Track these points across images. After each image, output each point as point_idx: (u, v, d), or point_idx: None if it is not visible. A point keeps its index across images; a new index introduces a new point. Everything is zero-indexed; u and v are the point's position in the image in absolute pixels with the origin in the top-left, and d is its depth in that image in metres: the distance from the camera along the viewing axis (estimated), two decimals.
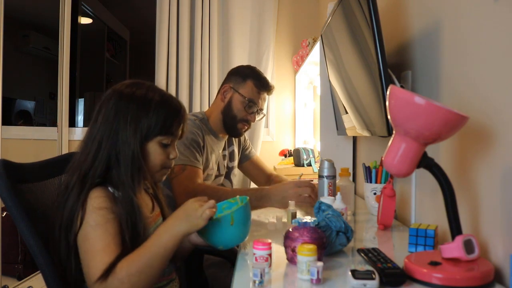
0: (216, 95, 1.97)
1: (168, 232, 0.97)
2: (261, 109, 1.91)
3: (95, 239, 0.96)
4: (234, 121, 1.86)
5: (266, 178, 2.06)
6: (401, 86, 1.25)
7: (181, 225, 0.97)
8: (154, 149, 1.09)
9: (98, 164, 1.04)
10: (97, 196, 1.01)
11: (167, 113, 1.10)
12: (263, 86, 1.89)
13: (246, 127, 1.91)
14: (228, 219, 1.04)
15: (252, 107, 1.86)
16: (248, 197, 1.13)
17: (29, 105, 4.62)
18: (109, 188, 1.04)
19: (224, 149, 1.96)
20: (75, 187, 1.02)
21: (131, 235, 1.01)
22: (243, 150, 2.10)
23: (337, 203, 1.23)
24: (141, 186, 1.14)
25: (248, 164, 2.10)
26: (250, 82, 1.86)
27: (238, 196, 1.20)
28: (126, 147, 1.05)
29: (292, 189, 1.54)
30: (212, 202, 0.99)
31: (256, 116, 1.91)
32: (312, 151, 2.82)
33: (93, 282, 0.93)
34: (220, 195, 1.54)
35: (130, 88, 1.10)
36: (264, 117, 2.31)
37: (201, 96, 3.13)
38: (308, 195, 1.54)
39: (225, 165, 1.98)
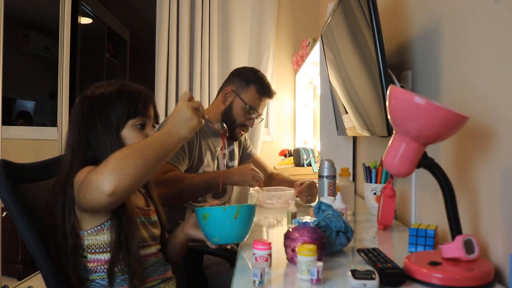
0: (217, 95, 1.97)
1: (167, 132, 1.00)
2: (260, 115, 1.93)
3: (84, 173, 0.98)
4: (233, 125, 1.88)
5: (267, 176, 2.06)
6: (401, 86, 1.25)
7: (175, 126, 1.00)
8: (129, 134, 1.10)
9: (72, 170, 1.04)
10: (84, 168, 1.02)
11: (129, 97, 1.10)
12: (266, 92, 1.90)
13: (244, 132, 1.94)
14: (233, 211, 1.05)
15: (252, 113, 1.88)
16: (255, 203, 1.16)
17: (29, 105, 4.61)
18: None
19: (223, 147, 1.96)
20: (60, 197, 1.03)
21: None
22: (244, 149, 2.11)
23: (337, 203, 1.23)
24: None
25: (249, 163, 2.11)
26: (253, 88, 1.87)
27: (246, 204, 1.22)
28: (102, 147, 1.06)
29: (249, 170, 1.72)
30: (197, 102, 1.04)
31: (255, 121, 1.92)
32: (312, 151, 2.82)
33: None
34: (187, 181, 1.66)
35: (92, 90, 1.12)
36: (264, 117, 2.32)
37: (201, 96, 3.13)
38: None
39: (225, 164, 1.98)
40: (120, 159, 0.92)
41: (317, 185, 1.72)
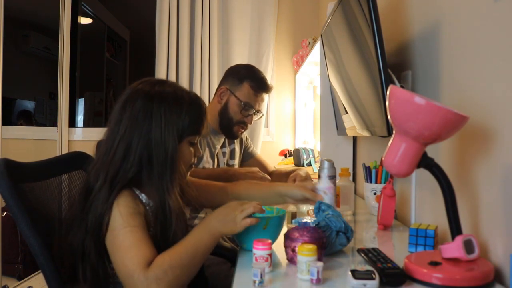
0: (214, 95, 1.98)
1: (210, 232, 0.99)
2: (258, 111, 1.91)
3: (126, 235, 0.96)
4: (231, 123, 1.86)
5: (268, 175, 2.07)
6: (401, 86, 1.25)
7: (220, 227, 0.99)
8: (185, 149, 1.09)
9: (131, 166, 1.01)
10: (125, 200, 0.99)
11: (197, 113, 1.10)
12: (260, 87, 1.87)
13: (243, 129, 1.92)
14: (263, 222, 1.06)
15: (249, 110, 1.86)
16: (285, 210, 1.16)
17: (29, 105, 4.61)
18: (135, 190, 1.04)
19: (223, 146, 1.97)
20: (103, 190, 1.00)
21: (160, 239, 1.02)
22: (245, 148, 2.11)
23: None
24: (176, 188, 1.10)
25: (251, 162, 2.12)
26: (246, 84, 1.85)
27: (275, 207, 1.22)
28: (161, 149, 1.03)
29: (256, 172, 1.76)
30: (251, 209, 0.99)
31: (254, 117, 1.91)
32: (312, 151, 2.81)
33: (133, 275, 0.92)
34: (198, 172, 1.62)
35: (158, 87, 1.07)
36: (264, 117, 2.32)
37: (201, 96, 3.12)
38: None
39: (225, 162, 1.98)
40: (168, 271, 0.92)
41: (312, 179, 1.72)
